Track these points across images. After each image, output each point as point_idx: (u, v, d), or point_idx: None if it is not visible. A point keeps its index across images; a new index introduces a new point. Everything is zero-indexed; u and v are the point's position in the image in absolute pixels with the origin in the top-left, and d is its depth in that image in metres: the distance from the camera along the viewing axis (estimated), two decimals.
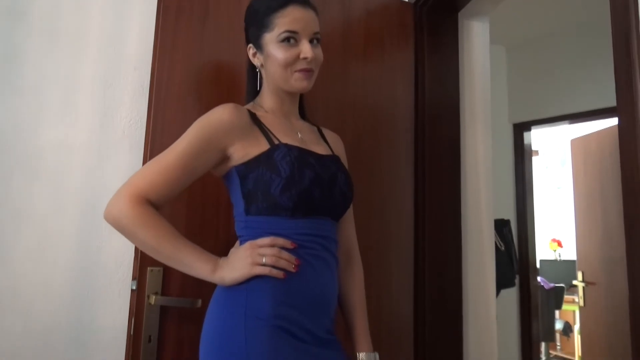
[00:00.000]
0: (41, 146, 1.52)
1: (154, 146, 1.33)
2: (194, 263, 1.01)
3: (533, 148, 3.60)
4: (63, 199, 1.52)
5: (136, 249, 1.28)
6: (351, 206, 1.22)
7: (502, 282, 2.55)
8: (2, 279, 1.45)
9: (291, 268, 1.00)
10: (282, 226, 1.03)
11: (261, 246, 1.00)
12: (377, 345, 1.17)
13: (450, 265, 1.72)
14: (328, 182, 1.08)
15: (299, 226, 1.04)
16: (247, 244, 1.02)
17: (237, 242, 1.10)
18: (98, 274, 1.48)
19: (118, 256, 1.47)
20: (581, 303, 3.35)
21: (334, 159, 1.16)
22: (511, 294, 3.24)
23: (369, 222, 1.56)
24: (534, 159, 3.69)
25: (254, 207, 1.04)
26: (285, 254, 1.00)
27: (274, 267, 0.99)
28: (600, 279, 3.22)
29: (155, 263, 1.23)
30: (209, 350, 1.01)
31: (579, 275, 3.33)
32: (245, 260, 0.99)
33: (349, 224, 1.24)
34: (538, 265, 5.66)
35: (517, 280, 3.24)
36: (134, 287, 1.23)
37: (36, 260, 1.47)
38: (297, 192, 1.01)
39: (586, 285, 3.28)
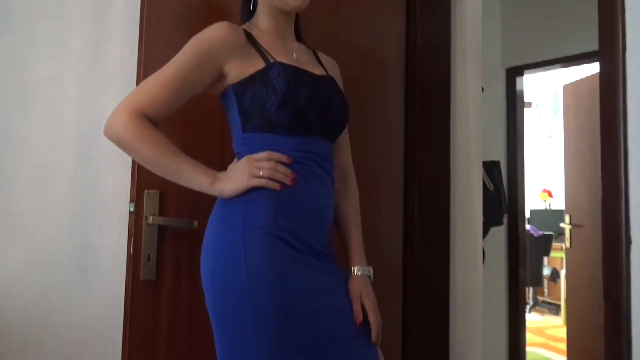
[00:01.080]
0: (33, 81, 1.53)
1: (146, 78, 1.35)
2: (194, 176, 1.05)
3: (526, 100, 3.62)
4: (58, 132, 1.54)
5: (133, 174, 1.31)
6: (347, 129, 1.25)
7: (491, 221, 2.63)
8: (2, 210, 1.49)
9: (287, 181, 1.03)
10: (279, 143, 1.06)
11: (258, 160, 1.04)
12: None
13: (439, 199, 1.78)
14: (324, 102, 1.11)
15: (296, 143, 1.07)
16: (245, 158, 1.06)
17: (235, 159, 1.14)
18: (96, 203, 1.52)
19: (116, 186, 1.50)
20: (567, 245, 3.45)
21: (329, 79, 1.18)
22: (499, 240, 3.33)
23: (360, 159, 1.60)
24: (527, 110, 3.71)
25: (250, 125, 1.07)
26: (281, 168, 1.04)
27: (270, 179, 1.03)
28: (587, 222, 3.31)
29: (152, 186, 1.27)
30: (210, 261, 1.07)
31: (567, 218, 3.42)
32: (243, 173, 1.03)
33: (344, 146, 1.27)
34: (528, 215, 5.79)
35: (505, 225, 3.33)
36: (132, 210, 1.27)
37: (35, 192, 1.51)
38: (293, 109, 1.04)
39: (573, 227, 3.37)
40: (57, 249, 1.52)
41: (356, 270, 1.17)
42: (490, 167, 2.67)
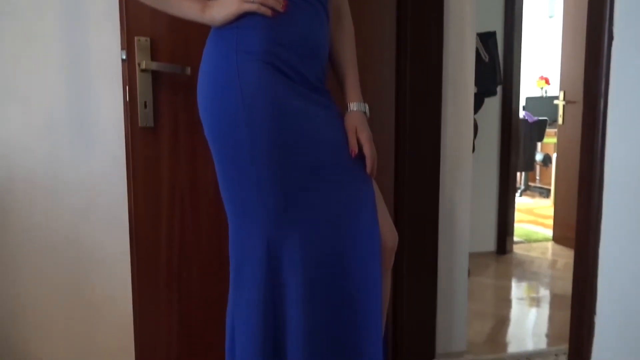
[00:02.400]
0: None
1: None
2: (183, 2, 1.05)
3: None
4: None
5: (122, 22, 1.29)
6: None
7: (485, 92, 2.65)
8: None
9: (279, 7, 1.02)
10: None
11: None
12: None
13: (432, 64, 1.76)
14: None
15: None
16: None
17: None
18: (89, 64, 1.52)
19: (104, 51, 1.51)
20: (560, 122, 3.49)
21: None
22: (492, 126, 3.36)
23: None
24: None
25: None
26: None
27: (262, 5, 1.01)
28: (580, 98, 3.32)
29: (142, 33, 1.27)
30: (206, 90, 1.08)
31: (561, 95, 3.43)
32: None
33: None
34: (524, 103, 5.79)
35: (498, 111, 3.35)
36: (124, 57, 1.28)
37: (25, 58, 1.51)
38: None
39: (566, 103, 3.39)
40: (55, 107, 1.55)
41: (352, 107, 1.18)
42: (486, 38, 2.63)
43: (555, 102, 3.50)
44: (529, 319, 2.30)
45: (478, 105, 2.68)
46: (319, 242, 1.09)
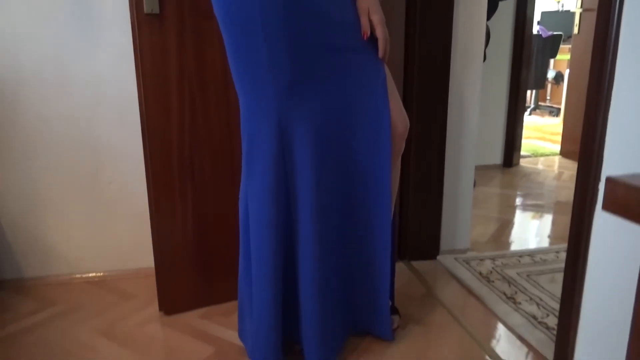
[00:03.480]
0: None
1: None
2: None
3: None
4: None
5: None
6: None
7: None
8: None
9: None
10: None
11: None
12: None
13: None
14: None
15: None
16: None
17: None
18: None
19: None
20: (575, 31, 3.38)
21: None
22: (505, 40, 3.25)
23: None
24: None
25: None
26: None
27: None
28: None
29: None
30: None
31: (578, 2, 3.29)
32: None
33: None
34: (539, 18, 5.57)
35: (511, 25, 3.21)
36: None
37: None
38: None
39: (583, 11, 3.27)
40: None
41: None
42: None
43: (572, 10, 3.37)
44: (532, 223, 2.36)
45: (492, 8, 2.59)
46: (329, 117, 1.11)
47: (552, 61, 5.48)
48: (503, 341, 1.36)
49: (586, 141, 1.01)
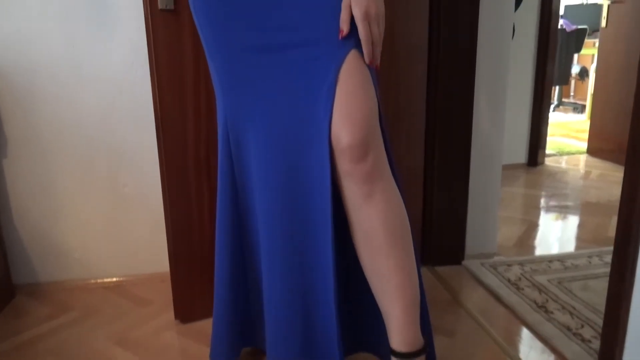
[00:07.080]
0: None
1: None
2: None
3: None
4: None
5: None
6: None
7: None
8: None
9: None
10: None
11: None
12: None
13: None
14: None
15: None
16: None
17: None
18: None
19: None
20: (603, 24, 3.25)
21: None
22: (529, 35, 3.15)
23: None
24: None
25: None
26: None
27: None
28: None
29: None
30: None
31: None
32: None
33: None
34: (562, 12, 5.41)
35: (536, 19, 3.11)
36: None
37: None
38: None
39: (612, 3, 3.14)
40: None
41: None
42: None
43: (599, 2, 3.24)
44: (560, 225, 2.26)
45: (517, 1, 2.49)
46: (271, 128, 0.94)
47: (576, 56, 5.32)
48: (535, 353, 1.28)
49: (635, 137, 0.93)
